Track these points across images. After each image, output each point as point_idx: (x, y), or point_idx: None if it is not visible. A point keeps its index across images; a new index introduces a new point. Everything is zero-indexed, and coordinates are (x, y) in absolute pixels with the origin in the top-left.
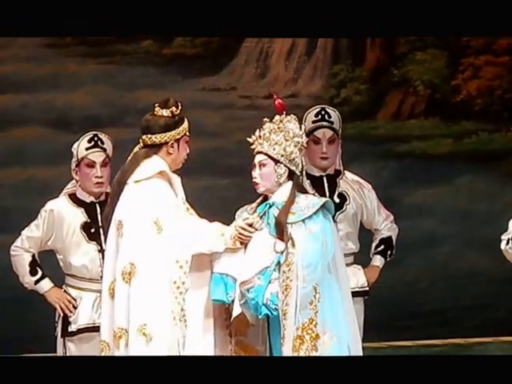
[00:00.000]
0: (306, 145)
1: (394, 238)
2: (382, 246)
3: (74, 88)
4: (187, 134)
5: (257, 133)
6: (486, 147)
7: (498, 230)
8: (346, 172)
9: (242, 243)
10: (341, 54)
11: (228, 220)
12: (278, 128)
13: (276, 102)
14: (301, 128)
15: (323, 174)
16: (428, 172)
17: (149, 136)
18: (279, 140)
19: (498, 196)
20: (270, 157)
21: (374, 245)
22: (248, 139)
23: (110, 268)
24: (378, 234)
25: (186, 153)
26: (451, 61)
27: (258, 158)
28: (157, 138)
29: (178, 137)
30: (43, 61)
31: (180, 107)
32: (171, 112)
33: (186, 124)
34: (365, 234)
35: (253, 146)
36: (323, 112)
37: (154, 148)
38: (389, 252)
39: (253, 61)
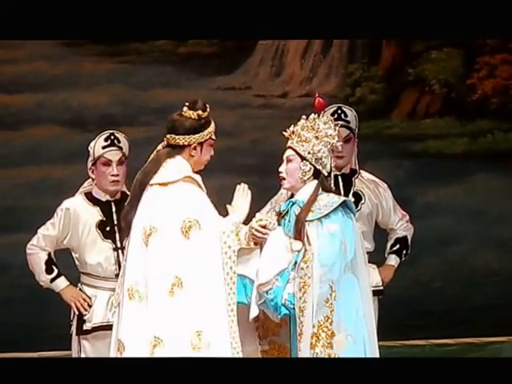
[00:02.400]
0: (339, 147)
1: (409, 238)
2: (398, 246)
3: (89, 87)
4: (212, 137)
5: (291, 128)
6: (501, 146)
7: None
8: (361, 171)
9: (256, 244)
10: (356, 53)
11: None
12: (311, 126)
13: (316, 101)
14: (334, 129)
15: (338, 173)
16: (443, 171)
17: (173, 136)
18: (309, 137)
19: None
20: (297, 153)
21: (389, 244)
22: (283, 133)
23: (133, 273)
24: (394, 233)
25: (210, 155)
26: (467, 60)
27: (286, 153)
28: (180, 140)
29: (202, 140)
30: (59, 60)
31: (207, 110)
32: (198, 115)
33: (211, 127)
34: (379, 233)
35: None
36: (339, 111)
37: (178, 148)
38: (404, 252)
39: (268, 60)
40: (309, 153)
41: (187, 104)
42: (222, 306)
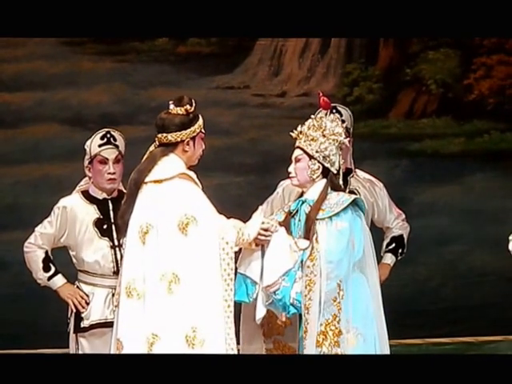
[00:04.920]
0: (347, 144)
1: (405, 237)
2: (393, 245)
3: (89, 86)
4: (202, 130)
5: (299, 128)
6: (497, 146)
7: (510, 229)
8: (357, 170)
9: (257, 245)
10: (354, 52)
11: (241, 218)
12: (318, 125)
13: (321, 100)
14: (341, 127)
15: None
16: (440, 171)
17: (164, 135)
18: (316, 136)
19: (510, 195)
20: (305, 152)
21: (385, 243)
22: (291, 133)
23: (131, 271)
24: (390, 232)
25: (202, 149)
26: (464, 60)
27: (295, 154)
28: (172, 137)
29: (194, 135)
30: (59, 59)
31: (194, 104)
32: (186, 110)
33: (200, 121)
34: (375, 231)
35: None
36: (334, 110)
37: (170, 146)
38: (400, 250)
39: (266, 59)
40: (317, 151)
41: (172, 101)
42: (219, 303)
